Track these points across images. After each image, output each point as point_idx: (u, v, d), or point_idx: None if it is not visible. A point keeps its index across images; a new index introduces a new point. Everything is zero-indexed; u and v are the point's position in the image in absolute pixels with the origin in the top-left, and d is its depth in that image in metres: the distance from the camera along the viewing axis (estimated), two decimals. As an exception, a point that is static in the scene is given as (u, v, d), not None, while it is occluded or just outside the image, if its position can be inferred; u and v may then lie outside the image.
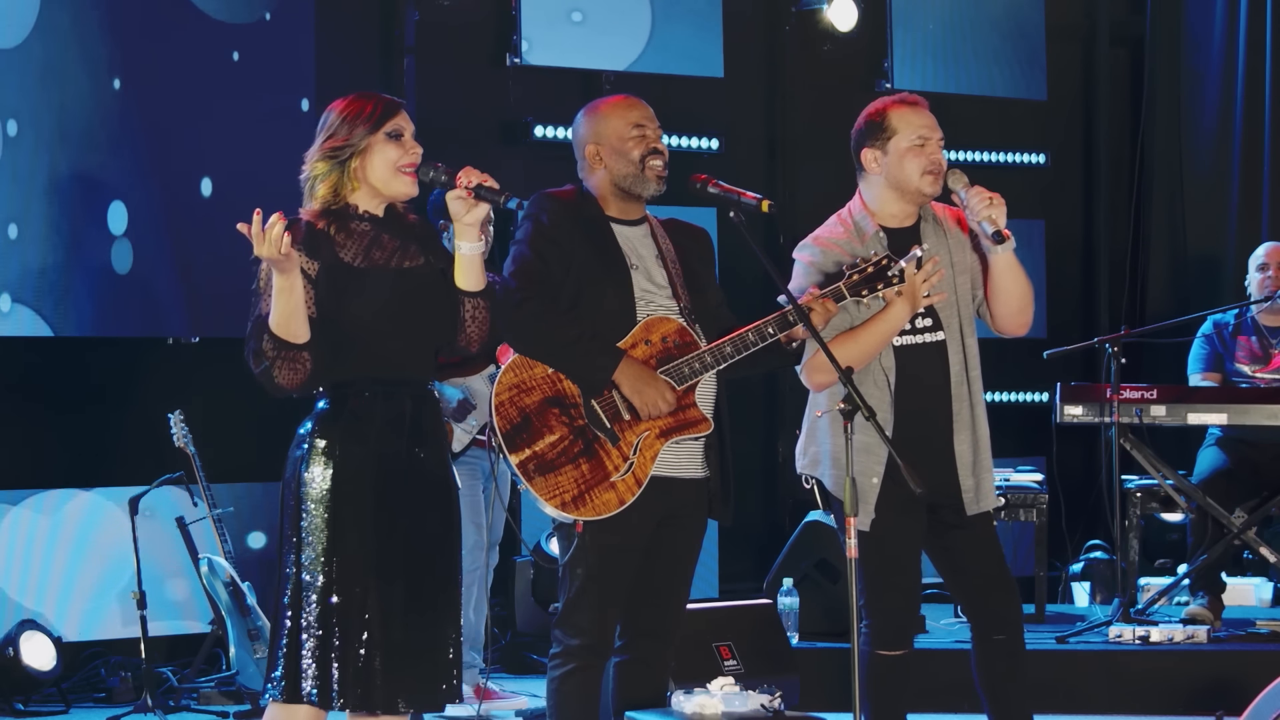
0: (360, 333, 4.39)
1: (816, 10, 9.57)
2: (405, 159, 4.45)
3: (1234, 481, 7.75)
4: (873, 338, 5.07)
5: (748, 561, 9.00)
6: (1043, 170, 10.32)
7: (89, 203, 7.68)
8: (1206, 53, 10.22)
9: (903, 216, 5.22)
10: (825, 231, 5.25)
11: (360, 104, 4.47)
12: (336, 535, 4.34)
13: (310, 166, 4.46)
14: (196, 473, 7.28)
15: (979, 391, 5.22)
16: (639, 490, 4.87)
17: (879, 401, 5.08)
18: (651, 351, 4.93)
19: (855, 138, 5.25)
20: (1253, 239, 9.13)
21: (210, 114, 7.91)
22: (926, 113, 5.23)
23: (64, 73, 7.59)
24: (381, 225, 4.48)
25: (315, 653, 4.30)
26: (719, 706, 5.13)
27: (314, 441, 4.39)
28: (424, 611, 4.40)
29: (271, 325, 4.29)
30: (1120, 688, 7.11)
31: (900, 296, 5.02)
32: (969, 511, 5.18)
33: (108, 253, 7.71)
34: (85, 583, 7.73)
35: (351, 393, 4.40)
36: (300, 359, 4.32)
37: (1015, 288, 5.19)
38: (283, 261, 4.22)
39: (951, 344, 5.18)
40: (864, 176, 5.26)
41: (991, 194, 5.10)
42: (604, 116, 5.05)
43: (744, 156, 9.57)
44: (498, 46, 8.87)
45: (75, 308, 7.66)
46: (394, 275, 4.44)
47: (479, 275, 4.49)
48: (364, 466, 4.38)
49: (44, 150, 7.56)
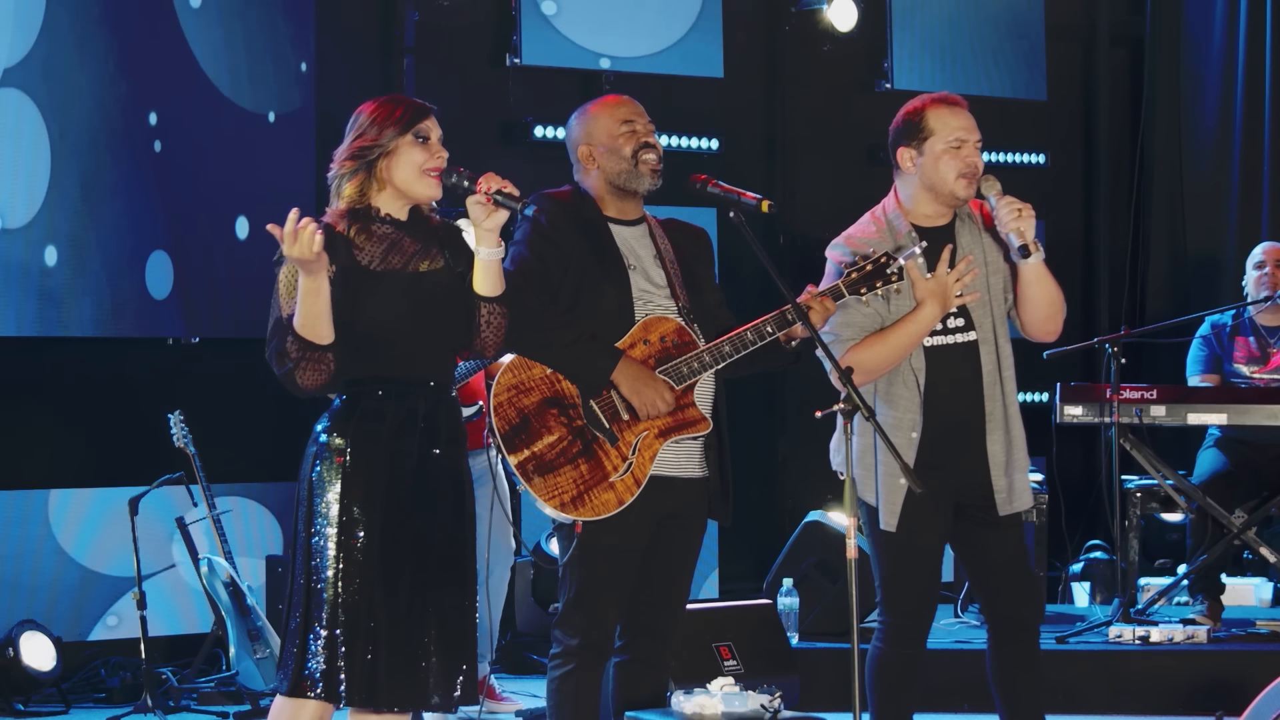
0: (376, 335, 4.40)
1: (816, 10, 9.57)
2: (431, 162, 4.47)
3: (1234, 482, 7.75)
4: (903, 338, 5.04)
5: (747, 561, 9.00)
6: (1042, 170, 10.32)
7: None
8: (1206, 53, 10.23)
9: (936, 216, 5.17)
10: (858, 230, 5.21)
11: (390, 106, 4.51)
12: (348, 533, 4.35)
13: (338, 165, 4.49)
14: (196, 473, 7.28)
15: (1012, 392, 5.18)
16: (638, 490, 4.87)
17: (908, 402, 5.06)
18: (650, 351, 4.93)
19: (892, 136, 5.21)
20: (1252, 239, 9.13)
21: (210, 112, 7.94)
22: (965, 113, 5.19)
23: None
24: (403, 228, 4.50)
25: (324, 648, 4.31)
26: (719, 707, 5.13)
27: (329, 439, 4.40)
28: (434, 612, 4.40)
29: (297, 327, 4.30)
30: (1120, 688, 7.11)
31: (932, 296, 5.01)
32: (1001, 512, 5.14)
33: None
34: (85, 583, 7.73)
35: (365, 392, 4.41)
36: (325, 360, 4.33)
37: (1042, 296, 5.15)
38: (313, 263, 4.24)
39: (984, 344, 5.13)
40: (899, 175, 5.21)
41: (1021, 205, 5.04)
42: (593, 116, 5.06)
43: (743, 156, 9.57)
44: (497, 47, 8.87)
45: (76, 308, 7.66)
46: (410, 279, 4.45)
47: (497, 280, 4.51)
48: (377, 465, 4.39)
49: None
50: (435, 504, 4.45)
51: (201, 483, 7.28)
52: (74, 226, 7.63)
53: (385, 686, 4.34)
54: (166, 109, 7.86)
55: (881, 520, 5.06)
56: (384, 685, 4.33)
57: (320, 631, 4.32)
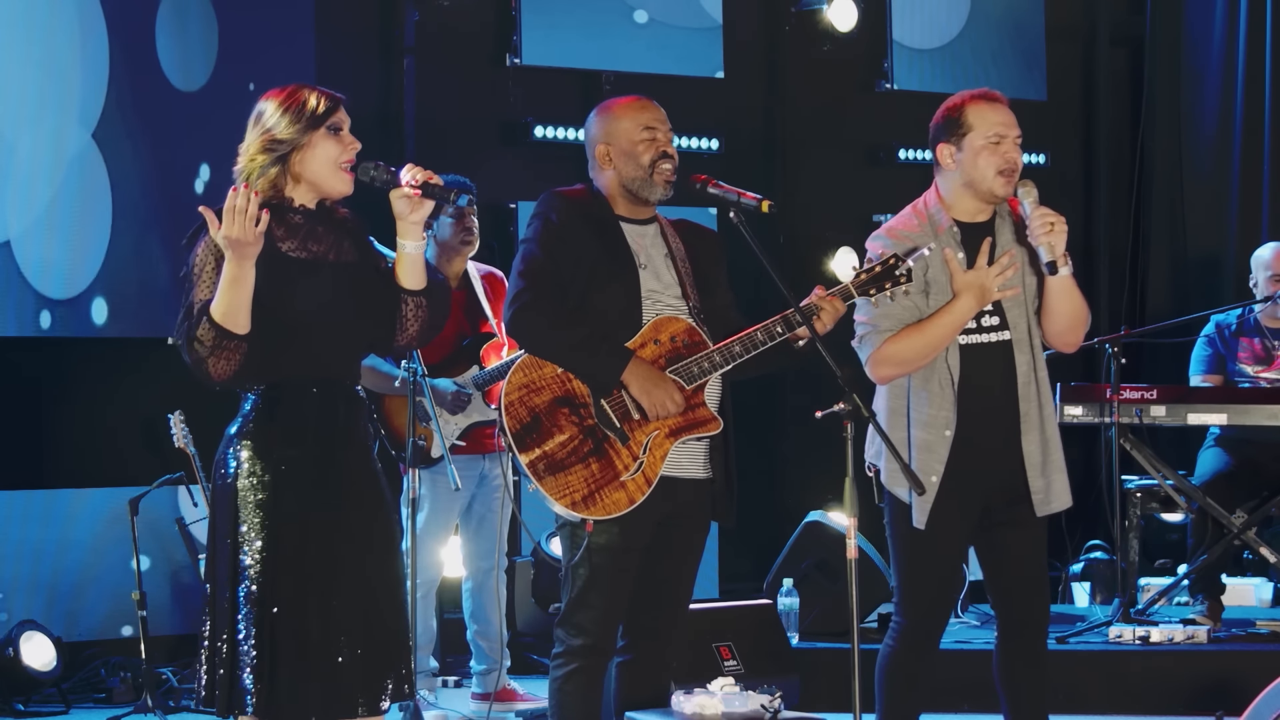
0: (296, 325, 4.28)
1: (816, 11, 9.57)
2: (345, 155, 4.34)
3: (1234, 482, 7.74)
4: (939, 330, 5.03)
5: (748, 562, 9.00)
6: (1042, 171, 10.30)
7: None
8: (1206, 53, 10.22)
9: (977, 212, 5.16)
10: (899, 223, 5.19)
11: (301, 96, 4.33)
12: (271, 540, 4.23)
13: (246, 160, 4.33)
14: (196, 473, 7.27)
15: (1047, 392, 5.17)
16: (649, 489, 4.87)
17: (942, 401, 5.06)
18: (660, 351, 4.93)
19: (933, 131, 5.20)
20: (1253, 239, 9.13)
21: (211, 114, 7.94)
22: (1005, 109, 5.18)
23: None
24: (314, 218, 4.37)
25: (253, 662, 4.18)
26: (719, 707, 5.13)
27: (244, 444, 4.29)
28: (361, 618, 4.28)
29: (215, 314, 4.17)
30: (1120, 688, 7.11)
31: (969, 289, 5.00)
32: (1039, 513, 5.14)
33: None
34: (86, 583, 7.73)
35: (284, 393, 4.30)
36: (238, 349, 4.21)
37: (1066, 308, 5.14)
38: (249, 245, 4.12)
39: (1019, 344, 5.12)
40: (939, 171, 5.20)
41: (1055, 219, 5.04)
42: (616, 117, 5.04)
43: (743, 157, 9.57)
44: (497, 47, 8.87)
45: (77, 309, 7.66)
46: (332, 268, 4.34)
47: (422, 274, 4.40)
48: (297, 469, 4.28)
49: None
50: (355, 506, 4.33)
51: (202, 483, 7.27)
52: (75, 233, 7.65)
53: (320, 700, 4.21)
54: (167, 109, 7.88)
55: (914, 518, 5.05)
56: (318, 700, 4.21)
57: (249, 645, 4.18)
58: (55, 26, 7.60)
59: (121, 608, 7.60)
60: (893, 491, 5.09)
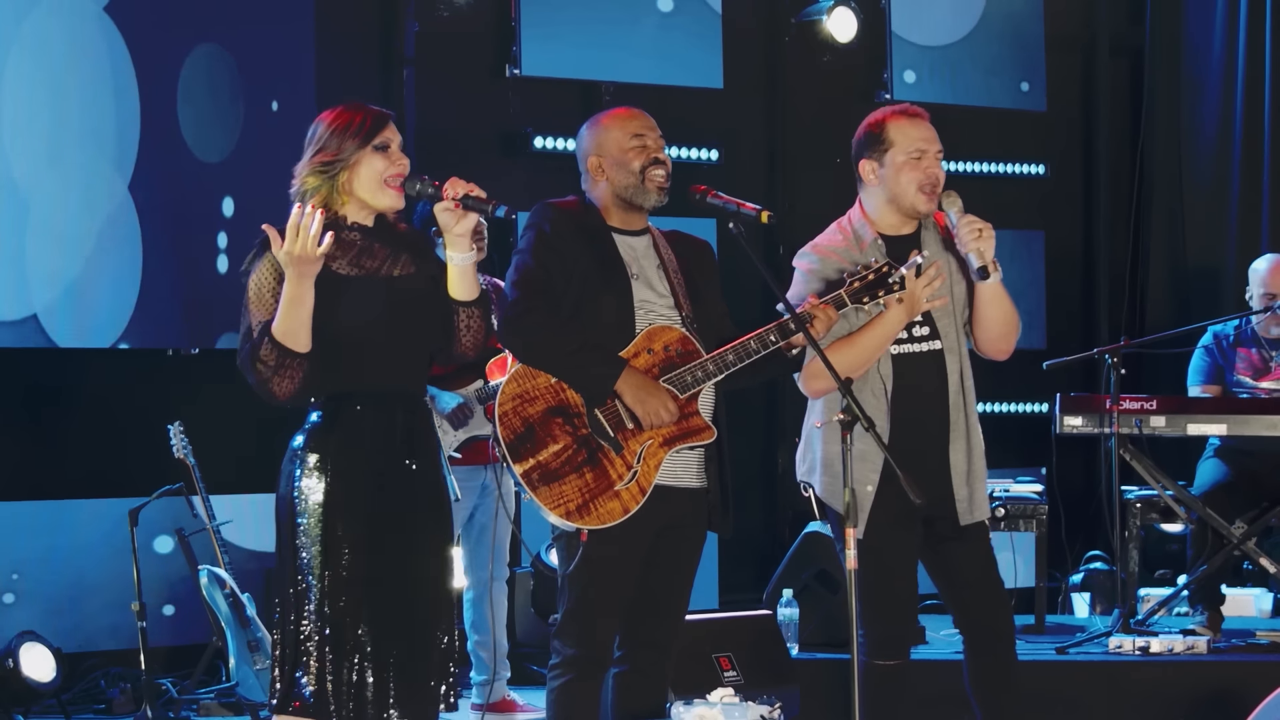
0: (353, 342, 4.38)
1: (816, 21, 9.59)
2: (391, 170, 4.44)
3: (1234, 492, 7.73)
4: (870, 341, 5.06)
5: (748, 572, 9.00)
6: (1042, 181, 10.33)
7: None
8: (1206, 63, 10.23)
9: (900, 225, 5.23)
10: (824, 239, 5.27)
11: (349, 116, 4.46)
12: (332, 549, 4.34)
13: (300, 181, 4.45)
14: (196, 484, 7.28)
15: (973, 401, 5.24)
16: (643, 499, 4.87)
17: (876, 410, 5.09)
18: (654, 360, 4.94)
19: (855, 148, 5.26)
20: (1252, 250, 9.13)
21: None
22: (926, 125, 5.22)
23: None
24: (372, 235, 4.47)
25: (313, 665, 4.30)
26: (718, 717, 5.12)
27: (307, 456, 4.39)
28: (418, 624, 4.40)
29: (277, 334, 4.28)
30: (1120, 699, 7.09)
31: (898, 301, 5.02)
32: (963, 521, 5.18)
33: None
34: (85, 594, 7.72)
35: (344, 405, 4.40)
36: (300, 367, 4.31)
37: (998, 315, 5.18)
38: (310, 265, 4.23)
39: (950, 353, 5.18)
40: (863, 187, 5.27)
41: (982, 225, 5.07)
42: (605, 128, 5.06)
43: (743, 167, 9.58)
44: (497, 58, 8.88)
45: (77, 320, 7.66)
46: (386, 284, 4.43)
47: (472, 284, 4.49)
48: (358, 480, 4.38)
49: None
50: (416, 516, 4.44)
51: (201, 493, 7.28)
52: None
53: (373, 702, 4.32)
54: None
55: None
56: (371, 701, 4.32)
57: (308, 649, 4.31)
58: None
59: (121, 619, 7.60)
60: (830, 503, 5.12)
